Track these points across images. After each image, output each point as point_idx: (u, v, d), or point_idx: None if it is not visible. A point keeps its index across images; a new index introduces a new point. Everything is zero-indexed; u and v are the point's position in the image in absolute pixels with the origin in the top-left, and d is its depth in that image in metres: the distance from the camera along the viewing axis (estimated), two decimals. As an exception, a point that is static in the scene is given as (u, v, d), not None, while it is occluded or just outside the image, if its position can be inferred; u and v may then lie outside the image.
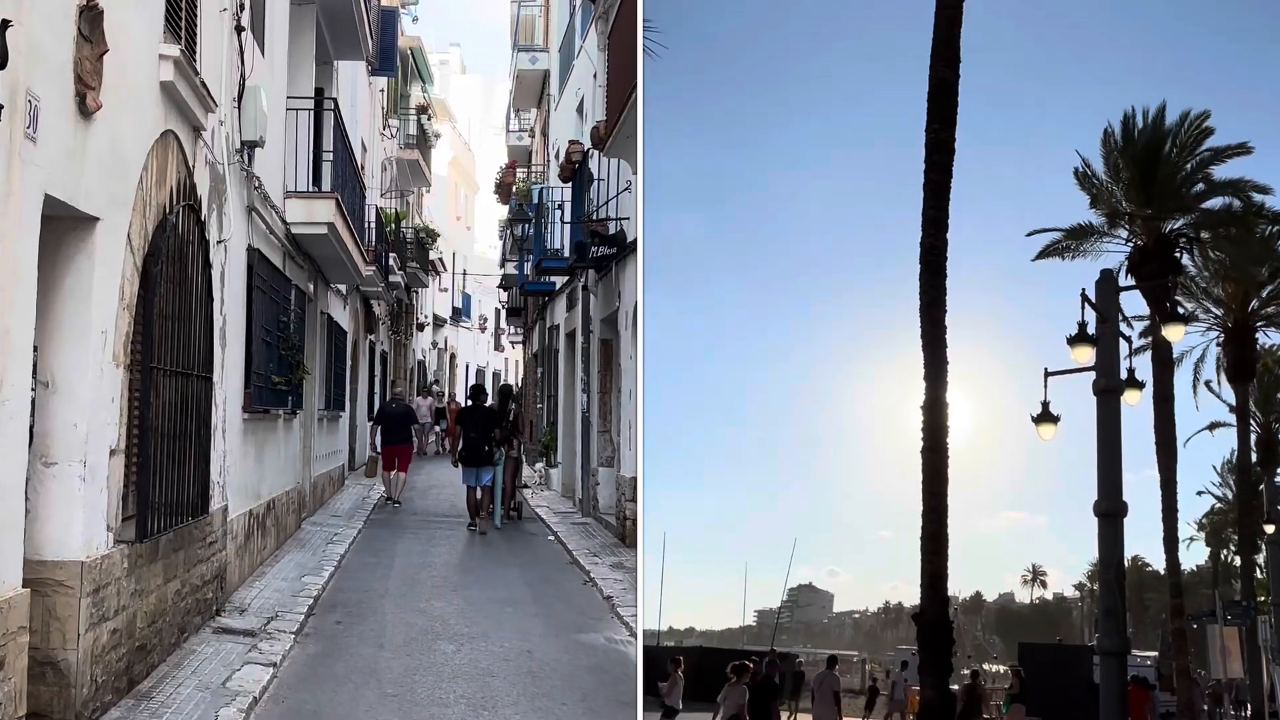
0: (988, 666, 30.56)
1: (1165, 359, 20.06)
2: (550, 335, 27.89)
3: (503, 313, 50.88)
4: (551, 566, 15.39)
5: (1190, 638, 21.87)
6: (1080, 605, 71.56)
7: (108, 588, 7.44)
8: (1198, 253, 20.12)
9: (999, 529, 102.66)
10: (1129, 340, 11.76)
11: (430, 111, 39.77)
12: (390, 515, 20.00)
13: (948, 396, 11.49)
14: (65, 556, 6.98)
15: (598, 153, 18.89)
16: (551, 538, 17.85)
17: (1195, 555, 41.20)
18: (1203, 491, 32.73)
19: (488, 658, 9.98)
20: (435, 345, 48.79)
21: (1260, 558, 25.17)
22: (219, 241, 10.55)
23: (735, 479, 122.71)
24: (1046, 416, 11.45)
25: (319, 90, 17.29)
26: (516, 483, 20.80)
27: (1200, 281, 21.40)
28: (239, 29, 11.22)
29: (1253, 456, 24.06)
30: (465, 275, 52.39)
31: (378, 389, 31.73)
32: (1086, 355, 10.79)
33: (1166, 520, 20.12)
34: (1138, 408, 12.50)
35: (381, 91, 30.41)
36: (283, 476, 15.36)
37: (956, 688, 15.33)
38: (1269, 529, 21.71)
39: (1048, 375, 11.39)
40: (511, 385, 41.75)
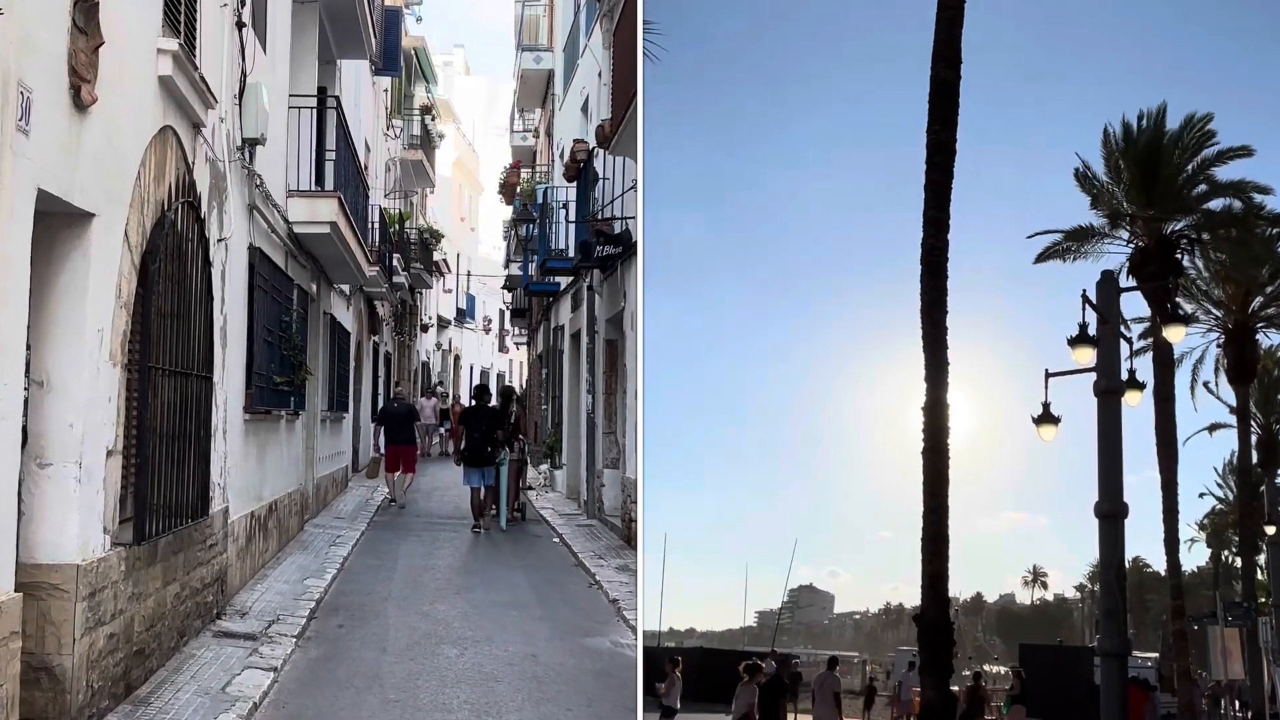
0: (988, 667, 30.51)
1: (1166, 360, 20.06)
2: (555, 336, 27.85)
3: (507, 314, 50.90)
4: (556, 569, 15.32)
5: (1191, 639, 21.83)
6: (1081, 606, 71.57)
7: (104, 591, 7.34)
8: (1198, 254, 20.13)
9: (1000, 530, 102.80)
10: (1130, 341, 11.76)
11: (434, 112, 39.76)
12: (394, 517, 19.99)
13: (948, 397, 11.50)
14: (60, 560, 6.87)
15: (603, 151, 18.84)
16: (556, 540, 17.79)
17: (1196, 556, 41.20)
18: (1204, 493, 32.81)
19: (492, 662, 9.92)
20: (439, 347, 48.74)
21: (1261, 559, 25.15)
22: (220, 240, 10.50)
23: (736, 479, 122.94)
24: (1047, 417, 11.42)
25: (322, 89, 17.21)
26: (520, 484, 20.80)
27: (1201, 283, 21.41)
28: (239, 25, 11.14)
29: (1253, 458, 24.06)
30: (469, 276, 52.40)
31: (381, 390, 31.70)
32: (1087, 356, 10.77)
33: (1167, 521, 20.12)
34: (1138, 409, 12.52)
35: (385, 91, 30.39)
36: (285, 478, 15.30)
37: (957, 689, 15.32)
38: (1270, 530, 21.70)
39: (1048, 376, 11.37)
40: (513, 386, 41.70)
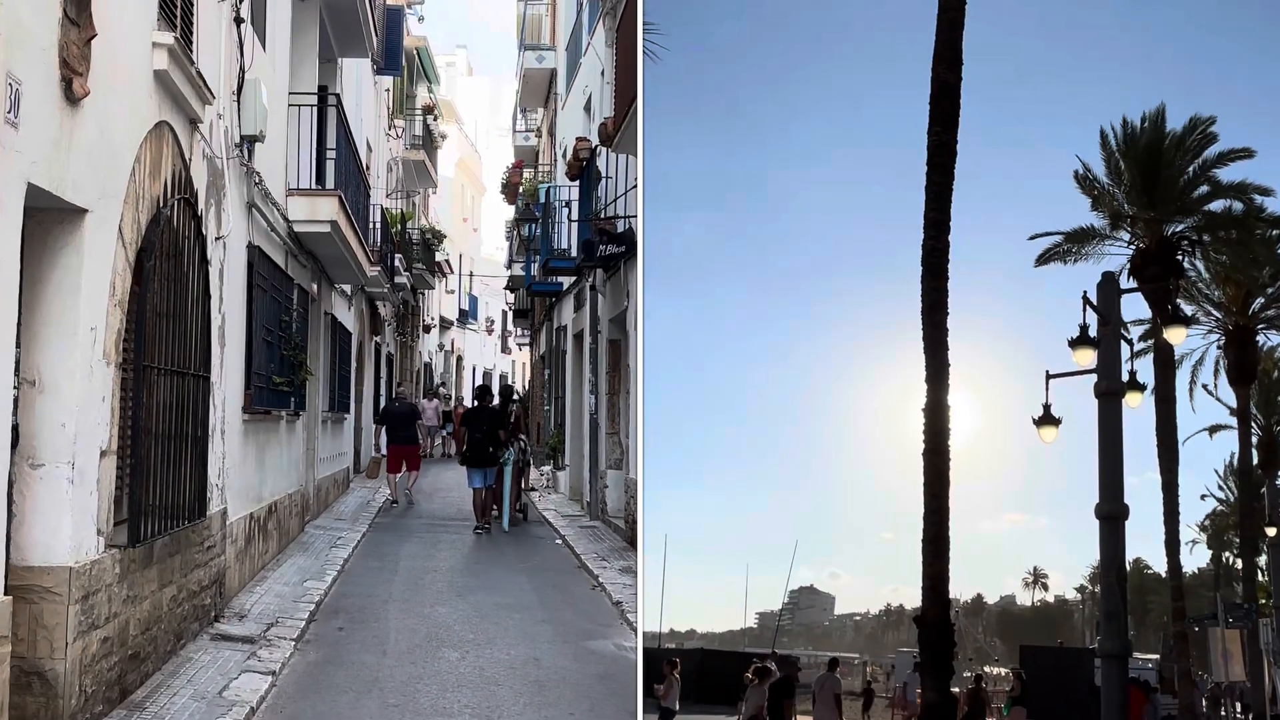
0: (989, 669, 30.48)
1: (1167, 361, 20.01)
2: (557, 336, 27.77)
3: (510, 315, 50.88)
4: (559, 571, 15.23)
5: (1192, 640, 21.79)
6: (1082, 608, 71.63)
7: (98, 594, 7.21)
8: (1199, 255, 20.09)
9: (1000, 531, 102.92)
10: (1130, 343, 11.75)
11: (436, 112, 39.72)
12: (396, 518, 19.94)
13: (949, 398, 11.46)
14: (52, 562, 6.74)
15: (605, 150, 18.79)
16: (559, 541, 17.72)
17: (1197, 558, 41.12)
18: (1205, 495, 32.80)
19: (493, 666, 9.81)
20: (442, 347, 48.76)
21: (1262, 560, 25.10)
22: (217, 238, 10.40)
23: (736, 480, 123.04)
24: (1048, 419, 11.42)
25: (322, 87, 17.14)
26: (523, 485, 20.77)
27: (1202, 284, 21.37)
28: (238, 20, 11.06)
29: (1254, 459, 24.03)
30: (472, 277, 52.38)
31: (383, 391, 31.69)
32: (1088, 357, 10.76)
33: (1168, 523, 20.08)
34: (1139, 410, 12.53)
35: (387, 91, 30.37)
36: (285, 479, 15.21)
37: (958, 690, 15.29)
38: (1270, 532, 21.68)
39: (1049, 377, 11.38)
40: (513, 386, 41.70)
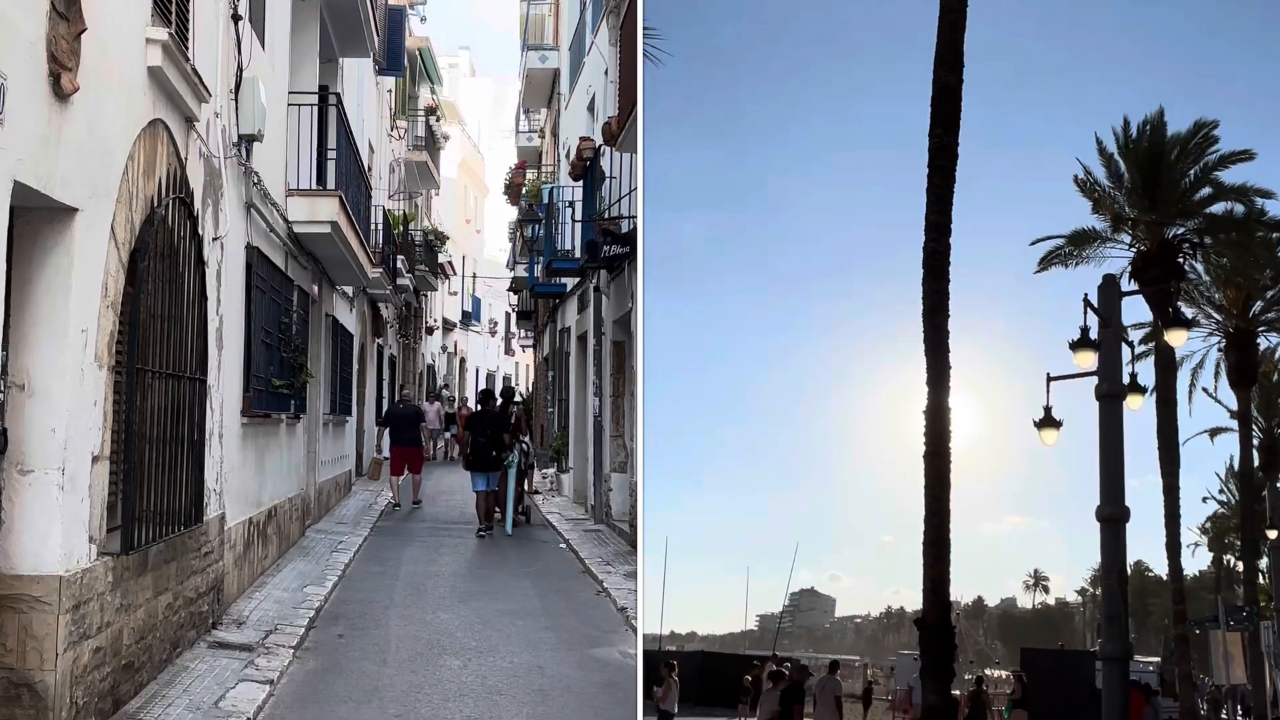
0: (990, 672, 30.43)
1: (1168, 364, 19.97)
2: (561, 338, 27.71)
3: (513, 316, 50.88)
4: (563, 576, 15.11)
5: (1193, 643, 21.80)
6: (1082, 610, 71.71)
7: (90, 603, 7.05)
8: (1200, 258, 20.06)
9: (1001, 534, 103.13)
10: (1131, 345, 11.73)
11: (439, 113, 39.69)
12: (398, 522, 19.88)
13: (950, 401, 11.41)
14: (42, 571, 6.58)
15: (610, 149, 18.74)
16: (563, 545, 17.61)
17: (1198, 560, 41.16)
18: (1206, 497, 32.83)
19: (496, 674, 9.69)
20: (445, 349, 48.75)
21: (1263, 563, 25.08)
22: (215, 238, 10.29)
23: (737, 482, 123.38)
24: (1049, 421, 11.40)
25: (323, 87, 17.05)
26: (525, 487, 20.75)
27: (1202, 287, 21.34)
28: (235, 17, 10.94)
29: (1255, 461, 24.03)
30: (475, 279, 52.34)
31: (386, 393, 31.66)
32: (1089, 360, 10.75)
33: (1169, 525, 20.04)
34: (1140, 412, 12.52)
35: (389, 92, 30.29)
36: (285, 483, 15.10)
37: (959, 693, 15.27)
38: (1271, 534, 21.73)
39: (1050, 380, 11.36)
40: (514, 387, 41.67)
